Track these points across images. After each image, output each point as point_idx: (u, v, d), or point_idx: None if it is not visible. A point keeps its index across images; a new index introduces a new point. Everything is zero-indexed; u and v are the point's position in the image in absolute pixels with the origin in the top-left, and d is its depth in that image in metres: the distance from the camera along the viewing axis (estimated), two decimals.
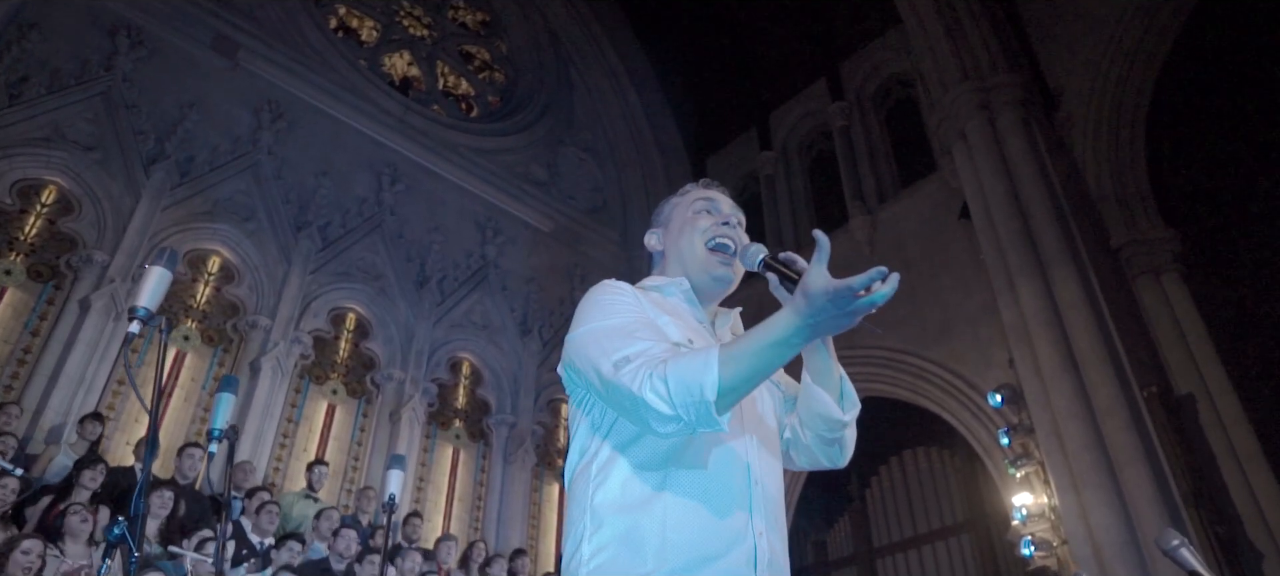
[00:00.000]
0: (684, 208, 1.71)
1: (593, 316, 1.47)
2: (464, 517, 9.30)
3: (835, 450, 1.61)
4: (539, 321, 11.13)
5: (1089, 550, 7.27)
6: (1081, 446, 7.59)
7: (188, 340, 7.92)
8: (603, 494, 1.40)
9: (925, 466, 10.97)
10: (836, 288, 1.26)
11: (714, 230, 1.64)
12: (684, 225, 1.67)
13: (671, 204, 1.76)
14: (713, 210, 1.69)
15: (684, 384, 1.27)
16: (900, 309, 10.43)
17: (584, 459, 1.47)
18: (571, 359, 1.49)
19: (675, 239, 1.68)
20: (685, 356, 1.32)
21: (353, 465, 8.61)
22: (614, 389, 1.35)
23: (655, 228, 1.76)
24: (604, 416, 1.46)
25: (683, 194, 1.76)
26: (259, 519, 6.37)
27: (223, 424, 2.74)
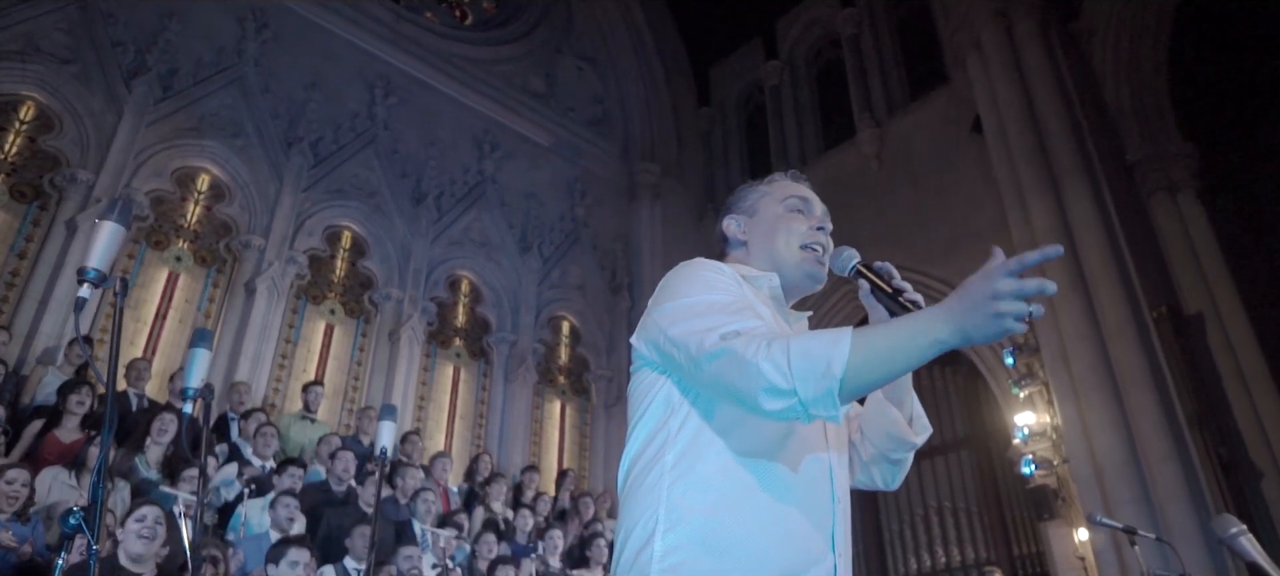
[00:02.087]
0: (773, 201, 1.60)
1: (692, 290, 1.37)
2: (465, 436, 9.33)
3: (894, 471, 1.56)
4: (539, 238, 10.94)
5: (1090, 470, 7.28)
6: (1087, 367, 7.52)
7: (180, 261, 7.76)
8: (684, 488, 1.29)
9: (927, 384, 10.95)
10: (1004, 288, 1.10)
11: (810, 235, 1.55)
12: (776, 222, 1.57)
13: (758, 193, 1.64)
14: (808, 211, 1.59)
15: (809, 357, 1.15)
16: (906, 225, 10.23)
17: (654, 445, 1.35)
18: (659, 330, 1.36)
19: (765, 233, 1.57)
20: (810, 334, 1.20)
21: (353, 385, 8.58)
22: (719, 358, 1.23)
23: (735, 214, 1.63)
24: (684, 401, 1.36)
25: (770, 184, 1.64)
26: (257, 441, 6.35)
27: (197, 382, 2.57)
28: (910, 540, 10.34)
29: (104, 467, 1.64)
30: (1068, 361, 7.69)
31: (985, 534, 9.71)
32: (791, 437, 1.34)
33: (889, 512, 10.73)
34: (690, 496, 1.28)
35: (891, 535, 10.59)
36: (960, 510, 10.00)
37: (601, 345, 11.03)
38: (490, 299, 10.21)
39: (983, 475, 9.95)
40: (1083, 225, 7.97)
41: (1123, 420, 7.22)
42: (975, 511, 9.88)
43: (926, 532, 10.21)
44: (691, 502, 1.27)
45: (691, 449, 1.31)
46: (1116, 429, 7.21)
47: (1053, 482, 7.81)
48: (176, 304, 7.58)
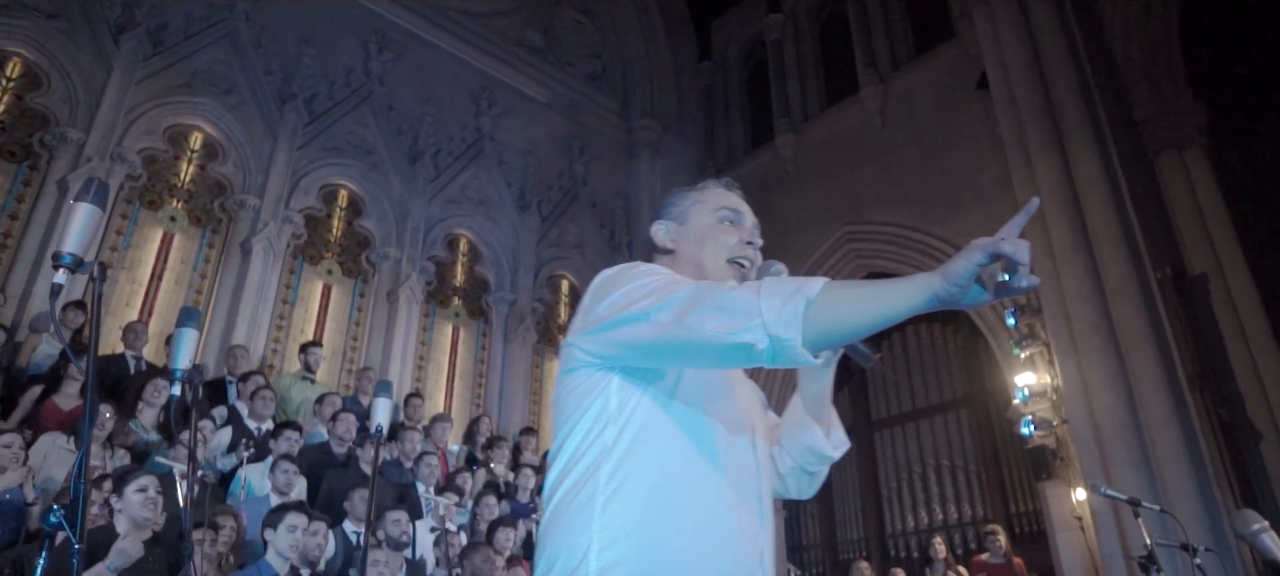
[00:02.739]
0: (705, 210, 1.54)
1: (636, 278, 1.30)
2: (465, 395, 9.33)
3: (810, 482, 1.56)
4: (537, 196, 10.83)
5: (1089, 431, 7.29)
6: (1089, 328, 7.48)
7: (175, 221, 7.67)
8: (619, 506, 1.23)
9: (928, 342, 10.95)
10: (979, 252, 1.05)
11: (739, 249, 1.51)
12: (706, 232, 1.52)
13: (689, 200, 1.57)
14: (738, 222, 1.54)
15: (778, 287, 1.12)
16: (909, 183, 10.12)
17: (587, 459, 1.28)
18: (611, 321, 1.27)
19: (695, 244, 1.52)
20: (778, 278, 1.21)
21: (351, 345, 8.55)
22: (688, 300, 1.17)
23: (666, 220, 1.57)
24: (622, 410, 1.30)
25: (702, 191, 1.58)
26: (254, 403, 6.32)
27: (185, 364, 2.48)
28: (908, 498, 10.42)
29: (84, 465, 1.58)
30: (1069, 322, 7.65)
31: (983, 492, 9.77)
32: (728, 454, 1.32)
33: (888, 471, 10.80)
34: (625, 514, 1.22)
35: (889, 493, 10.67)
36: (959, 468, 10.06)
37: None
38: (489, 258, 10.13)
39: (981, 434, 9.98)
40: (1088, 184, 7.86)
41: (1123, 381, 7.20)
42: (973, 470, 9.93)
43: (924, 490, 10.28)
44: (627, 521, 1.22)
45: (627, 463, 1.26)
46: (1117, 390, 7.19)
47: (1052, 443, 7.82)
48: (172, 264, 7.51)
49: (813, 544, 11.31)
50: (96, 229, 1.84)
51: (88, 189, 1.77)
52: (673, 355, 1.24)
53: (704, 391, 1.33)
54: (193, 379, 2.49)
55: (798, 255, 10.98)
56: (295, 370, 7.52)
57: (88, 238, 1.78)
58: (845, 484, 11.25)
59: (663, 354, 1.24)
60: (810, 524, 11.43)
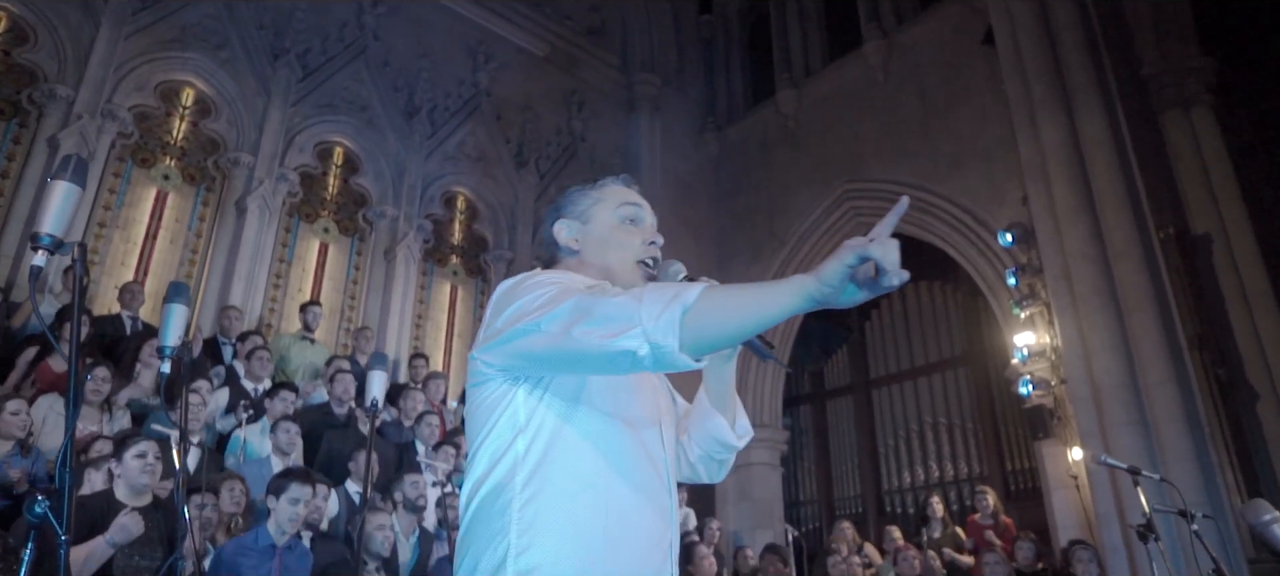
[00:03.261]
0: (607, 209, 1.56)
1: (531, 290, 1.31)
2: (463, 353, 9.32)
3: (720, 468, 1.63)
4: (535, 152, 10.71)
5: (1088, 391, 7.29)
6: (1090, 289, 7.45)
7: (168, 179, 7.57)
8: (536, 509, 1.28)
9: (927, 300, 10.94)
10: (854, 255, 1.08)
11: (645, 249, 1.53)
12: (610, 233, 1.54)
13: (590, 198, 1.59)
14: (639, 222, 1.57)
15: (659, 293, 1.15)
16: (912, 141, 10.00)
17: (501, 468, 1.32)
18: (507, 335, 1.29)
19: (598, 245, 1.54)
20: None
21: (349, 304, 8.51)
22: (570, 312, 1.20)
23: (568, 219, 1.59)
24: (532, 418, 1.34)
25: (602, 189, 1.60)
26: (251, 364, 6.32)
27: (173, 340, 2.43)
28: (904, 454, 10.50)
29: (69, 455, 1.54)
30: (1071, 282, 7.61)
31: (979, 450, 9.84)
32: (635, 452, 1.36)
33: (885, 427, 10.87)
34: (540, 519, 1.26)
35: (886, 449, 10.75)
36: (956, 426, 10.12)
37: None
38: (487, 215, 10.05)
39: (979, 392, 10.02)
40: (1093, 143, 7.76)
41: (1123, 341, 7.19)
42: (970, 428, 9.99)
43: (921, 447, 10.36)
44: (542, 525, 1.26)
45: (542, 468, 1.30)
46: (1116, 350, 7.19)
47: (1049, 403, 7.84)
48: (166, 223, 7.43)
49: (809, 500, 11.43)
50: (76, 208, 1.78)
51: (66, 167, 1.71)
52: (565, 364, 1.26)
53: (609, 393, 1.37)
54: (182, 355, 2.45)
55: (797, 213, 10.91)
56: (294, 329, 7.50)
57: (67, 217, 1.73)
58: (842, 441, 11.33)
59: (556, 363, 1.27)
60: (807, 480, 11.54)
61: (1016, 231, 8.28)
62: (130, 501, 3.48)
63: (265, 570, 3.87)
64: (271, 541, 3.94)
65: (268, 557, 3.91)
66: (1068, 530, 7.68)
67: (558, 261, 1.58)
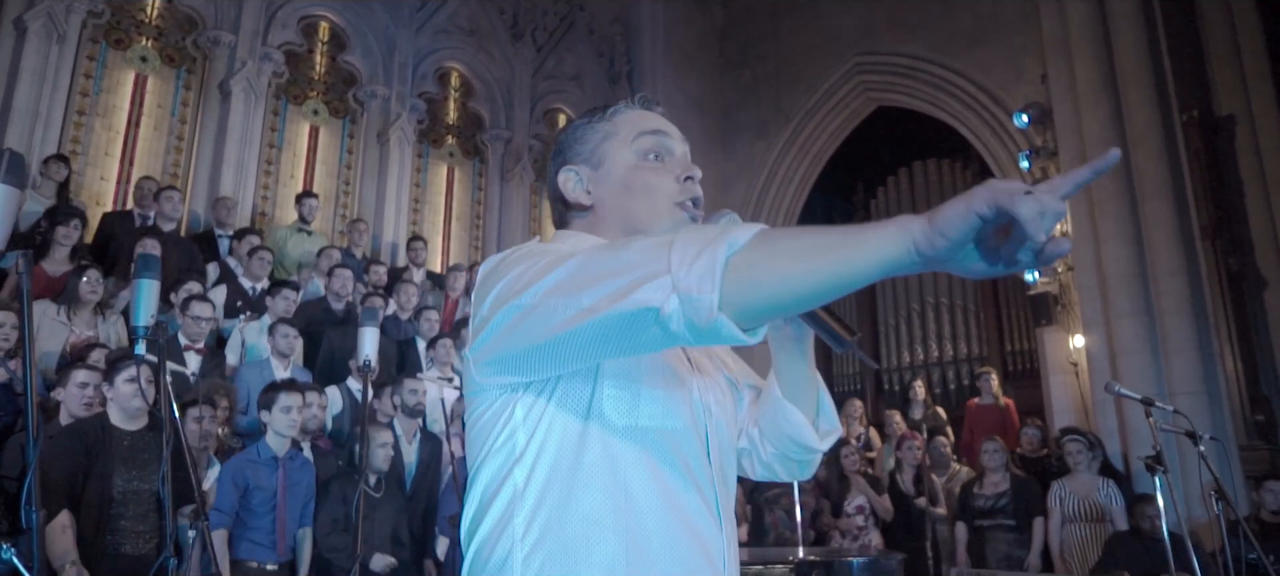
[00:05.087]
0: (621, 144, 1.17)
1: (512, 267, 0.99)
2: (463, 237, 9.20)
3: (803, 467, 1.28)
4: (531, 24, 10.18)
5: (1095, 280, 7.22)
6: (1105, 176, 7.22)
7: (146, 61, 7.20)
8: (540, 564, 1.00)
9: (935, 179, 10.71)
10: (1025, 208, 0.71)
11: (681, 189, 1.15)
12: (631, 176, 1.15)
13: (598, 133, 1.19)
14: (666, 152, 1.18)
15: (697, 233, 0.85)
16: (927, 11, 9.49)
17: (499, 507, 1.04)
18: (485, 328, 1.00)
19: (618, 194, 1.16)
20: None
21: (344, 189, 8.30)
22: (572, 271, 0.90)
23: (573, 165, 1.19)
24: (530, 442, 1.04)
25: (612, 120, 1.20)
26: (250, 263, 6.20)
27: (146, 320, 2.23)
28: (906, 333, 10.56)
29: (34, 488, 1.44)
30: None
31: (981, 331, 9.88)
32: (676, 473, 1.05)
33: (887, 306, 10.88)
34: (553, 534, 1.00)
35: (887, 328, 10.81)
36: (958, 307, 10.12)
37: None
38: (482, 93, 9.67)
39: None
40: (1121, 17, 7.34)
41: (1135, 230, 7.05)
42: (972, 310, 9.99)
43: (922, 327, 10.40)
44: (554, 547, 0.99)
45: (545, 507, 1.02)
46: (1127, 239, 7.06)
47: (1054, 289, 7.78)
48: (149, 109, 7.13)
49: None
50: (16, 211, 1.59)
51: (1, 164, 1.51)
52: (566, 351, 0.93)
53: (629, 399, 1.04)
54: (157, 337, 2.31)
55: (805, 88, 10.50)
56: (290, 220, 7.35)
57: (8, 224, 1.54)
58: (843, 318, 11.35)
59: (554, 354, 0.94)
60: None
61: (1033, 112, 7.98)
62: (124, 424, 3.44)
63: (270, 482, 3.91)
64: (273, 453, 3.96)
65: (272, 469, 3.94)
66: (1064, 414, 7.80)
67: (568, 223, 1.21)
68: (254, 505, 3.82)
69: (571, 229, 1.19)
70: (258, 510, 3.82)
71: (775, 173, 10.73)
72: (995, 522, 5.94)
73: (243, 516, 3.80)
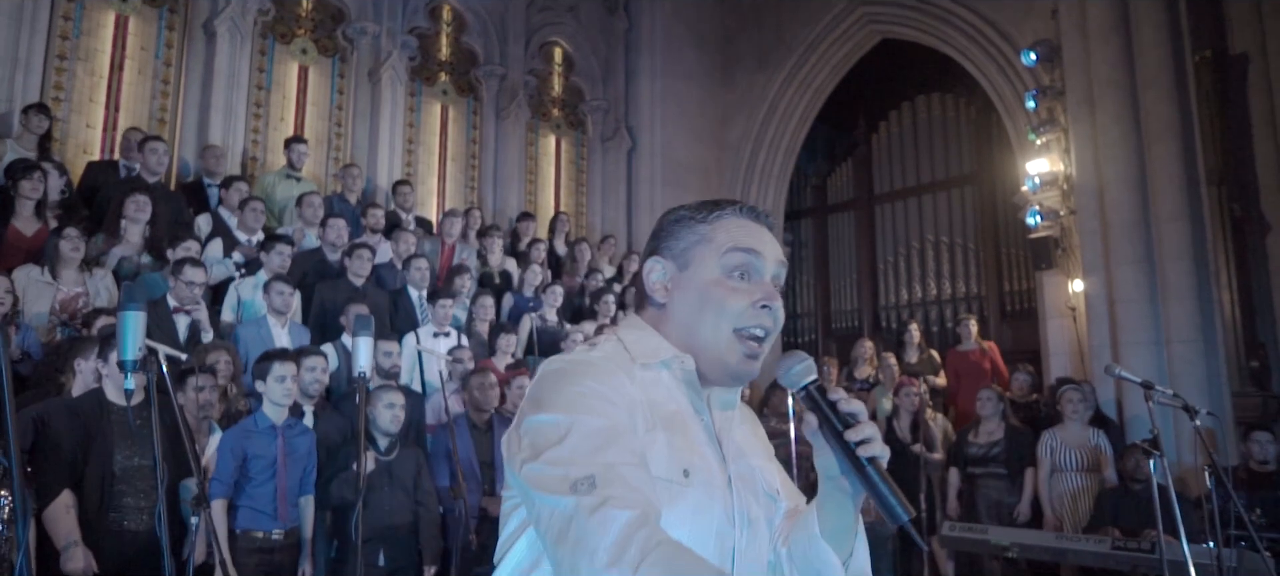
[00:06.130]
0: (711, 253, 1.15)
1: (556, 404, 1.02)
2: (459, 178, 9.07)
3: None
4: None
5: (1097, 225, 7.15)
6: (1112, 118, 7.09)
7: (126, 2, 6.95)
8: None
9: (938, 114, 10.51)
10: None
11: (752, 316, 1.12)
12: (710, 289, 1.14)
13: (695, 235, 1.17)
14: (753, 274, 1.15)
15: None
16: None
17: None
18: (522, 463, 1.03)
19: (692, 305, 1.14)
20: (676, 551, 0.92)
21: (336, 132, 8.13)
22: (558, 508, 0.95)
23: (661, 257, 1.20)
24: (533, 568, 1.07)
25: (712, 223, 1.17)
26: (243, 216, 6.13)
27: (135, 354, 2.17)
28: (903, 271, 10.53)
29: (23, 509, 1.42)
30: (1093, 109, 7.24)
31: (979, 270, 9.85)
32: None
33: (886, 243, 10.82)
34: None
35: (886, 266, 10.77)
36: (957, 246, 10.06)
37: (597, 72, 10.37)
38: (475, 26, 9.38)
39: (983, 213, 9.86)
40: None
41: (1140, 175, 6.94)
42: (971, 248, 9.93)
43: (920, 265, 10.37)
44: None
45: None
46: (1131, 184, 6.96)
47: (1056, 233, 7.71)
48: (131, 51, 6.91)
49: (806, 312, 11.62)
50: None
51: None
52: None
53: None
54: (147, 367, 2.25)
55: (805, 19, 10.20)
56: (280, 166, 7.23)
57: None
58: (842, 255, 11.33)
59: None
60: (805, 294, 11.66)
61: (1041, 50, 7.75)
62: (120, 400, 3.44)
63: (269, 451, 3.93)
64: (270, 422, 3.97)
65: (270, 438, 3.95)
66: (1059, 356, 7.83)
67: (643, 308, 1.22)
68: (253, 474, 3.85)
69: (643, 317, 1.21)
70: (257, 479, 3.85)
71: (776, 106, 10.52)
72: (987, 470, 6.04)
73: (242, 485, 3.83)
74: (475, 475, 4.68)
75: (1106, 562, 4.38)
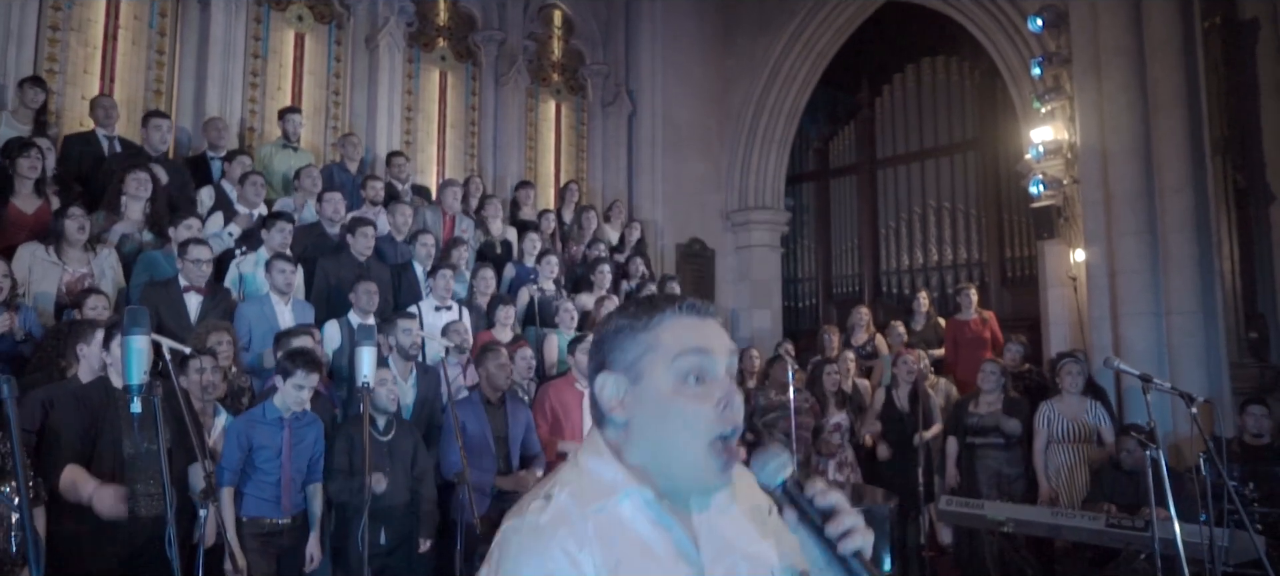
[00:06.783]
0: (661, 361, 1.08)
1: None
2: (458, 145, 9.00)
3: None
4: None
5: (1100, 195, 7.12)
6: (1118, 87, 7.02)
7: None
8: None
9: (942, 78, 10.40)
10: None
11: (720, 419, 1.06)
12: (668, 404, 1.07)
13: (639, 345, 1.10)
14: (709, 370, 1.08)
15: None
16: None
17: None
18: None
19: (654, 420, 1.08)
20: None
21: (333, 100, 8.05)
22: None
23: (611, 371, 1.11)
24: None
25: (652, 330, 1.09)
26: (244, 190, 6.10)
27: (139, 378, 2.18)
28: (905, 236, 10.52)
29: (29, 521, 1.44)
30: (1099, 77, 7.15)
31: (981, 237, 9.83)
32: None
33: (887, 209, 10.79)
34: None
35: (887, 231, 10.75)
36: (959, 211, 10.03)
37: (597, 35, 10.24)
38: None
39: (986, 179, 9.81)
40: None
41: (1144, 145, 6.89)
42: (974, 214, 9.90)
43: (922, 231, 10.35)
44: None
45: None
46: (1136, 155, 6.91)
47: (1058, 201, 7.67)
48: (125, 21, 6.81)
49: (807, 277, 11.62)
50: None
51: None
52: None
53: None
54: (152, 392, 2.26)
55: None
56: (277, 137, 7.18)
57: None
58: (844, 220, 11.30)
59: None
60: (806, 258, 11.65)
61: (1048, 15, 7.63)
62: None
63: (275, 441, 3.96)
64: (278, 414, 3.99)
65: (277, 429, 3.98)
66: (1059, 325, 7.86)
67: (603, 425, 1.14)
68: (259, 463, 3.89)
69: (605, 438, 1.13)
70: (263, 468, 3.89)
71: (778, 70, 10.40)
72: (986, 441, 6.10)
73: (248, 473, 3.88)
74: (490, 450, 4.72)
75: (1100, 539, 4.44)
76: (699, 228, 10.30)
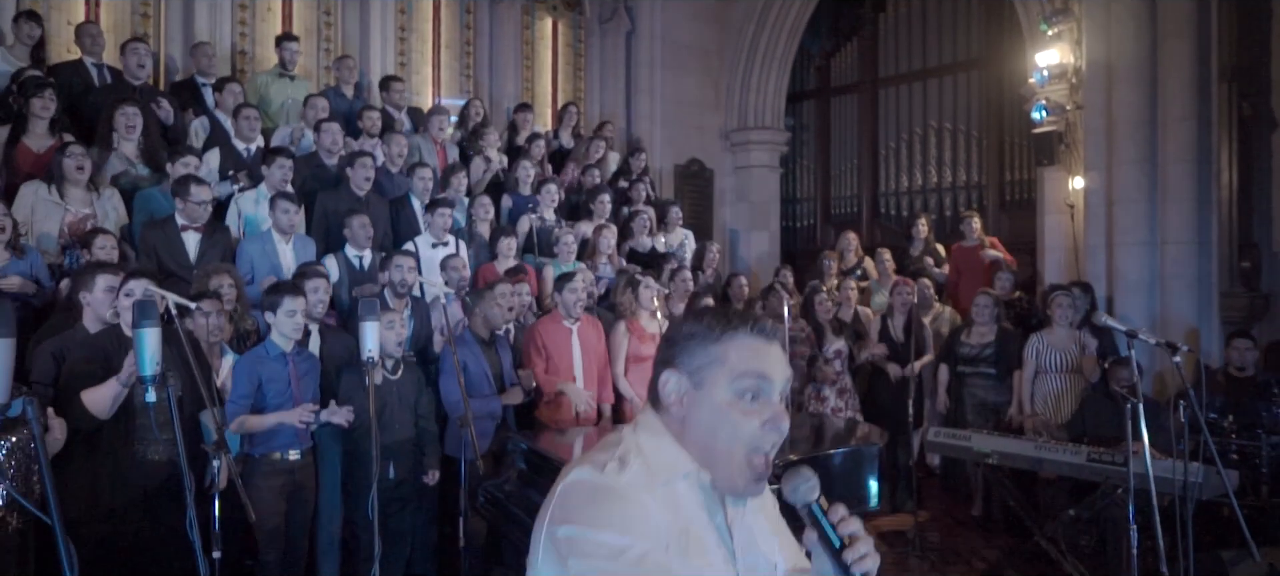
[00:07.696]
0: (723, 376, 1.21)
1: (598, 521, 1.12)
2: (454, 66, 8.84)
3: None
4: None
5: (1102, 123, 7.08)
6: (1128, 11, 6.89)
7: None
8: None
9: None
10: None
11: (763, 436, 1.21)
12: (721, 414, 1.21)
13: (709, 355, 1.22)
14: (764, 392, 1.21)
15: None
16: None
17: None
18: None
19: (706, 425, 1.22)
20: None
21: (325, 21, 7.85)
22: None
23: (677, 370, 1.25)
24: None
25: (723, 342, 1.22)
26: (240, 125, 6.04)
27: (152, 370, 2.21)
28: (905, 157, 10.44)
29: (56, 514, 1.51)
30: (1109, 2, 7.01)
31: (981, 159, 9.76)
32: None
33: (888, 129, 10.68)
34: None
35: (887, 152, 10.67)
36: (960, 133, 9.93)
37: None
38: None
39: (989, 101, 9.67)
40: None
41: (1151, 72, 6.80)
42: (975, 136, 9.81)
43: (923, 152, 10.27)
44: None
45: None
46: (1141, 82, 6.83)
47: (1060, 127, 7.61)
48: None
49: (806, 197, 11.60)
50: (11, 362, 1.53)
51: None
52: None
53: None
54: (165, 384, 2.30)
55: None
56: (272, 62, 7.05)
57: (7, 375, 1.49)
58: (844, 140, 11.20)
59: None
60: (805, 177, 11.60)
61: None
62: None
63: (282, 376, 4.06)
64: (281, 350, 4.08)
65: (282, 365, 4.07)
66: (1055, 249, 7.89)
67: (659, 409, 1.28)
68: (269, 398, 3.99)
69: (661, 421, 1.27)
70: (274, 403, 3.99)
71: None
72: (976, 370, 6.25)
73: (260, 409, 3.98)
74: (489, 387, 4.85)
75: (1081, 472, 4.61)
76: (698, 148, 10.22)
